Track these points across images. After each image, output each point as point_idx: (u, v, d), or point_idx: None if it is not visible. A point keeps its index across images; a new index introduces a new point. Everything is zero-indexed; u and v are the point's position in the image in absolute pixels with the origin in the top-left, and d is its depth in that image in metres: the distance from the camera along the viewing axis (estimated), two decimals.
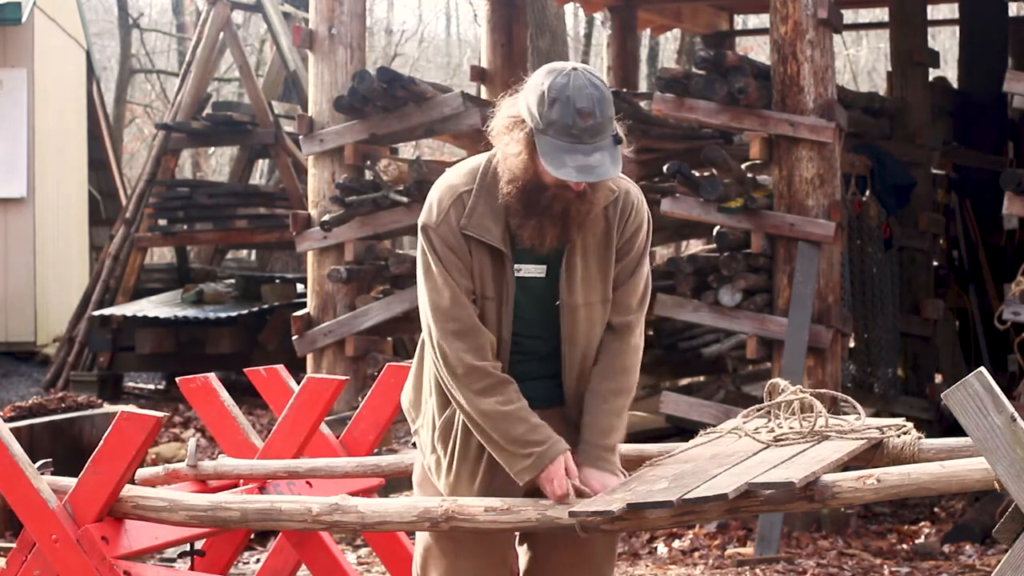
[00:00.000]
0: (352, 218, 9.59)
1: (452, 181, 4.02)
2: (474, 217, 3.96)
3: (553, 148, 3.81)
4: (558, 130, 3.81)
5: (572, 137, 3.80)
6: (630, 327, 4.11)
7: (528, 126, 3.86)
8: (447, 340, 3.96)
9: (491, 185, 3.97)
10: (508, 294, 4.00)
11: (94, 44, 20.56)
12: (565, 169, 3.80)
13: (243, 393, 11.24)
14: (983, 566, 7.92)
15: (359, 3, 9.80)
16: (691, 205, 8.85)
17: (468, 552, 4.10)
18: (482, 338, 3.96)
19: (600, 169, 3.82)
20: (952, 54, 21.71)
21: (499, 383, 3.95)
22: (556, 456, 3.93)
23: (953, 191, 12.29)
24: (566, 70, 3.86)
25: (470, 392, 3.94)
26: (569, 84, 3.82)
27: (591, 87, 3.83)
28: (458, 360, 3.94)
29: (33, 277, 15.51)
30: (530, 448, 3.92)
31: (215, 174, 27.65)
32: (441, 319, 3.97)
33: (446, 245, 3.97)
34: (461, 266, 3.97)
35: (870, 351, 10.10)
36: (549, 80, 3.84)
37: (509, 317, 4.01)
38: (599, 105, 3.82)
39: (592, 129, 3.81)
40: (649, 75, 21.59)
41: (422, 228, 4.01)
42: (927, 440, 4.20)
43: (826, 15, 8.64)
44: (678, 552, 8.44)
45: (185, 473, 4.95)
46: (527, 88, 3.90)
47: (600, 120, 3.82)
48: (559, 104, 3.80)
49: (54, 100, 16.44)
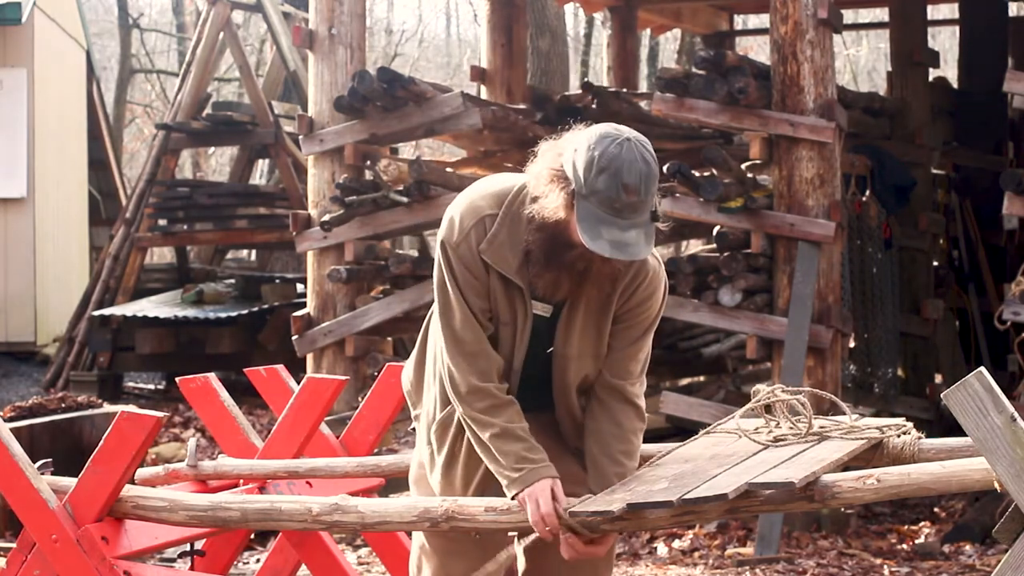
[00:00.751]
0: (352, 218, 9.58)
1: (477, 202, 3.97)
2: (494, 245, 3.93)
3: (592, 217, 3.76)
4: (601, 200, 3.75)
5: (613, 211, 3.75)
6: (633, 392, 4.10)
7: (571, 186, 3.79)
8: (454, 359, 3.96)
9: (516, 215, 3.93)
10: (524, 324, 3.99)
11: (94, 44, 20.56)
12: (600, 242, 3.75)
13: (243, 393, 11.24)
14: (983, 566, 7.92)
15: (359, 3, 9.80)
16: (691, 205, 8.85)
17: (461, 551, 4.12)
18: (489, 361, 3.96)
19: (633, 248, 3.78)
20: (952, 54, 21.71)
21: (503, 404, 3.96)
22: (546, 476, 3.91)
23: (953, 191, 12.28)
24: (620, 139, 3.79)
25: (473, 411, 3.95)
26: (621, 155, 3.75)
27: (642, 162, 3.76)
28: (463, 380, 3.95)
29: (33, 277, 15.51)
30: (523, 464, 3.91)
31: (215, 174, 27.64)
32: (451, 338, 3.97)
33: (463, 264, 3.94)
34: (478, 286, 3.95)
35: (870, 351, 10.10)
36: (601, 147, 3.77)
37: (524, 345, 4.01)
38: (646, 182, 3.76)
39: (634, 205, 3.76)
40: (649, 75, 21.59)
41: (441, 244, 3.97)
42: (927, 440, 4.20)
43: (826, 15, 8.64)
44: (678, 552, 8.44)
45: (185, 473, 4.95)
46: (579, 143, 3.82)
47: (644, 198, 3.77)
48: (607, 175, 3.74)
49: (54, 100, 16.44)
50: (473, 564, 4.13)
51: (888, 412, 9.97)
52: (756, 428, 4.29)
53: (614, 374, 4.08)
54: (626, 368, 4.08)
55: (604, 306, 4.02)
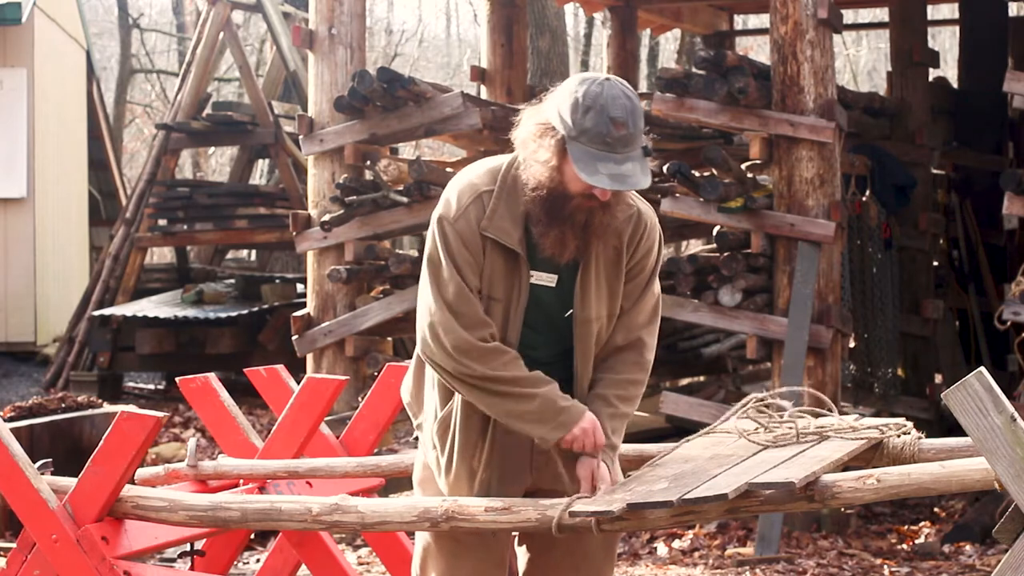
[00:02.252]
0: (352, 218, 9.58)
1: (473, 180, 4.01)
2: (495, 219, 3.95)
3: (586, 155, 3.80)
4: (591, 138, 3.80)
5: (605, 145, 3.80)
6: (640, 344, 4.11)
7: (559, 133, 3.84)
8: (451, 330, 3.93)
9: (511, 188, 3.96)
10: (519, 298, 3.99)
11: (94, 44, 20.56)
12: (598, 176, 3.79)
13: (243, 393, 11.24)
14: (983, 566, 7.92)
15: (359, 3, 9.80)
16: (691, 205, 8.85)
17: (467, 552, 4.11)
18: (487, 329, 3.95)
19: (632, 179, 3.82)
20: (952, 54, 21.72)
21: (513, 359, 3.95)
22: (583, 413, 3.95)
23: (953, 191, 12.29)
24: (599, 79, 3.86)
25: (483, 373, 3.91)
26: (603, 93, 3.82)
27: (624, 97, 3.83)
28: (466, 343, 3.91)
29: (33, 277, 15.52)
30: (560, 403, 3.93)
31: (215, 174, 27.64)
32: (445, 309, 3.95)
33: (461, 240, 3.95)
34: (473, 263, 3.96)
35: (870, 351, 10.10)
36: (583, 88, 3.83)
37: (519, 321, 4.00)
38: (632, 116, 3.82)
39: (625, 139, 3.81)
40: (649, 75, 21.58)
41: (438, 220, 3.98)
42: (927, 440, 4.20)
43: (826, 15, 8.64)
44: (678, 552, 8.44)
45: (185, 473, 4.95)
46: (558, 96, 3.89)
47: (632, 131, 3.82)
48: (593, 112, 3.80)
49: (54, 100, 16.44)
50: (478, 565, 4.12)
51: (888, 412, 9.97)
52: (755, 428, 4.29)
53: (621, 330, 4.09)
54: (635, 320, 4.11)
55: (615, 264, 4.04)
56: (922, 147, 10.97)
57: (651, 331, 4.15)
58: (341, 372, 9.30)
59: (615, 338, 4.10)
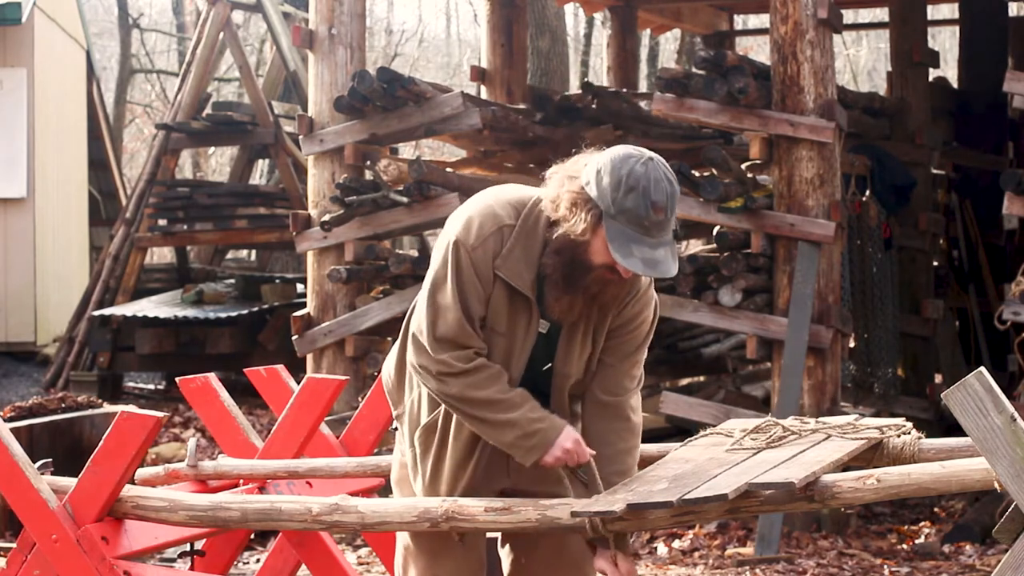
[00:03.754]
0: (352, 218, 9.58)
1: (496, 210, 3.96)
2: (510, 259, 3.92)
3: (622, 236, 3.79)
4: (630, 219, 3.79)
5: (642, 228, 3.79)
6: (626, 406, 4.10)
7: (597, 208, 3.82)
8: (438, 351, 3.93)
9: (531, 230, 3.93)
10: (525, 336, 3.99)
11: (94, 44, 20.55)
12: (632, 260, 3.79)
13: (243, 393, 11.24)
14: (983, 566, 7.92)
15: (359, 3, 9.80)
16: (691, 205, 8.84)
17: (446, 551, 4.12)
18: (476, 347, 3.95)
19: (663, 265, 3.82)
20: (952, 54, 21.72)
21: (493, 374, 3.94)
22: (560, 429, 3.94)
23: (953, 191, 12.29)
24: (643, 158, 3.84)
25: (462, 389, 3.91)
26: (647, 174, 3.80)
27: (666, 181, 3.82)
28: (448, 365, 3.92)
29: (33, 277, 15.51)
30: (533, 425, 3.92)
31: (215, 174, 27.64)
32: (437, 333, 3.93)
33: (475, 269, 3.92)
34: (480, 292, 3.94)
35: (870, 351, 10.10)
36: (628, 167, 3.80)
37: (523, 358, 4.00)
38: (671, 201, 3.82)
39: (662, 224, 3.81)
40: (649, 75, 21.58)
41: (454, 244, 3.93)
42: (927, 440, 4.20)
43: (826, 15, 8.64)
44: (678, 552, 8.44)
45: (185, 473, 4.95)
46: (601, 167, 3.84)
47: (669, 216, 3.82)
48: (635, 194, 3.78)
49: (54, 100, 16.44)
50: (459, 564, 4.14)
51: (888, 412, 9.97)
52: (756, 427, 4.29)
53: (608, 390, 4.08)
54: (620, 383, 4.09)
55: (600, 323, 4.03)
56: (922, 147, 10.97)
57: (637, 391, 4.15)
58: (341, 372, 9.29)
59: (599, 394, 4.08)
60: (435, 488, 4.08)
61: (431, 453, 4.07)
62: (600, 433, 4.07)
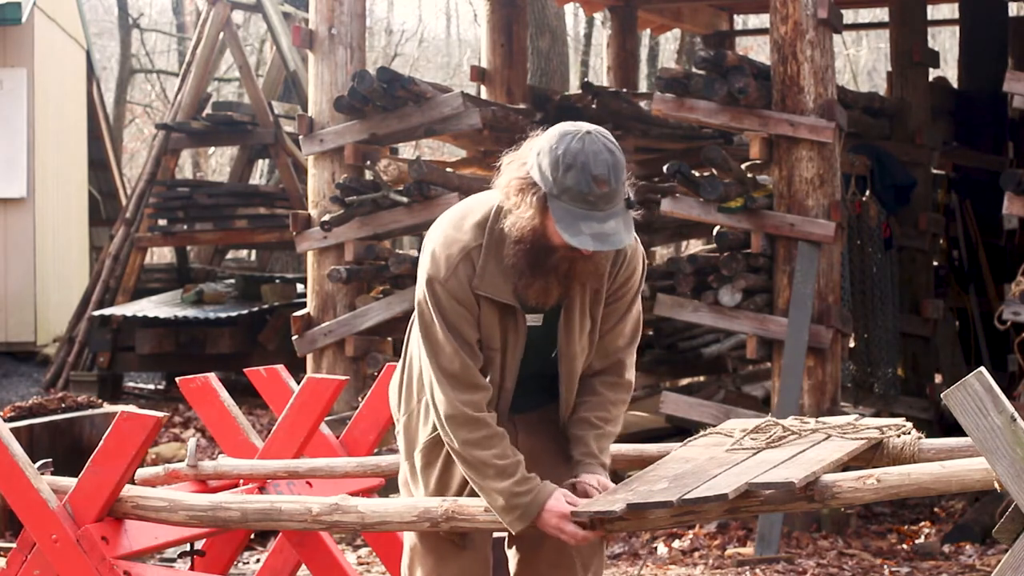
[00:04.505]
0: (352, 218, 9.58)
1: (459, 237, 3.94)
2: (486, 277, 3.91)
3: (568, 215, 3.76)
4: (573, 197, 3.75)
5: (587, 204, 3.75)
6: (620, 365, 4.12)
7: (541, 190, 3.79)
8: (445, 392, 3.93)
9: (498, 241, 3.91)
10: (516, 345, 3.99)
11: (94, 44, 20.56)
12: (581, 237, 3.76)
13: (243, 393, 11.24)
14: (983, 566, 7.92)
15: (359, 3, 9.80)
16: (691, 205, 8.85)
17: (453, 551, 4.12)
18: (480, 393, 3.94)
19: (615, 237, 3.78)
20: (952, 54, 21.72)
21: (494, 435, 3.93)
22: (546, 498, 3.89)
23: (953, 191, 12.29)
24: (580, 133, 3.80)
25: (461, 442, 3.92)
26: (584, 149, 3.76)
27: (606, 152, 3.77)
28: (455, 410, 3.91)
29: (33, 277, 15.50)
30: (517, 500, 3.89)
31: (215, 174, 27.64)
32: (440, 373, 3.93)
33: (454, 299, 3.91)
34: (469, 318, 3.93)
35: (870, 351, 10.10)
36: (564, 145, 3.77)
37: (515, 367, 4.01)
38: (614, 172, 3.76)
39: (607, 196, 3.76)
40: (649, 75, 21.58)
41: (428, 281, 3.94)
42: (927, 440, 4.20)
43: (826, 15, 8.64)
44: (678, 552, 8.44)
45: (185, 473, 4.95)
46: (540, 149, 3.82)
47: (615, 187, 3.77)
48: (574, 171, 3.74)
49: (54, 100, 16.44)
50: (465, 564, 4.13)
51: (888, 412, 9.97)
52: (756, 427, 4.29)
53: (603, 351, 4.10)
54: (614, 343, 4.11)
55: (596, 298, 4.04)
56: (922, 147, 10.98)
57: (630, 351, 4.15)
58: (341, 372, 9.30)
59: (593, 363, 4.11)
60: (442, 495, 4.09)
61: (436, 465, 4.08)
62: (591, 384, 4.10)
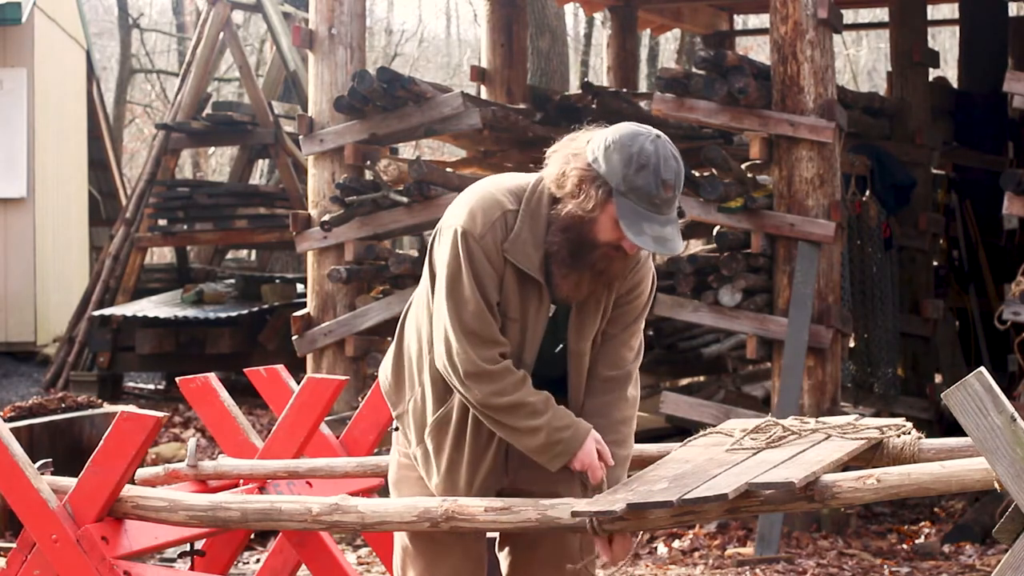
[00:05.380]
0: (352, 218, 9.58)
1: (498, 197, 3.96)
2: (518, 243, 3.93)
3: (633, 213, 3.81)
4: (640, 196, 3.81)
5: (652, 206, 3.81)
6: (626, 379, 4.12)
7: (607, 184, 3.83)
8: (464, 349, 3.92)
9: (535, 212, 3.94)
10: (536, 320, 3.99)
11: (94, 44, 20.55)
12: (643, 237, 3.81)
13: (243, 393, 11.24)
14: (983, 566, 7.92)
15: (359, 3, 9.80)
16: (691, 205, 8.85)
17: (445, 551, 4.11)
18: (500, 348, 3.95)
19: (672, 243, 3.84)
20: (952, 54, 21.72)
21: (519, 380, 3.94)
22: (584, 437, 3.95)
23: (953, 191, 12.29)
24: (652, 136, 3.86)
25: (489, 394, 3.91)
26: (657, 152, 3.82)
27: (674, 160, 3.85)
28: (475, 367, 3.91)
29: (33, 277, 15.51)
30: (558, 435, 3.92)
31: (215, 174, 27.64)
32: (460, 330, 3.92)
33: (486, 256, 3.92)
34: (495, 278, 3.94)
35: (870, 351, 10.10)
36: (638, 144, 3.82)
37: (535, 343, 4.00)
38: (679, 179, 3.85)
39: (669, 202, 3.83)
40: (649, 75, 21.59)
41: (462, 234, 3.92)
42: (927, 440, 4.20)
43: (826, 15, 8.64)
44: (678, 552, 8.44)
45: (185, 473, 4.95)
46: (610, 144, 3.85)
47: (677, 194, 3.85)
48: (646, 171, 3.80)
49: (54, 100, 16.44)
50: (457, 564, 4.13)
51: (888, 412, 9.97)
52: (756, 427, 4.29)
53: (609, 362, 4.09)
54: (620, 354, 4.10)
55: (608, 298, 4.05)
56: (922, 147, 10.98)
57: (637, 365, 4.17)
58: (341, 372, 9.30)
59: (600, 369, 4.09)
60: (453, 479, 4.05)
61: (446, 446, 4.06)
62: (598, 405, 4.08)
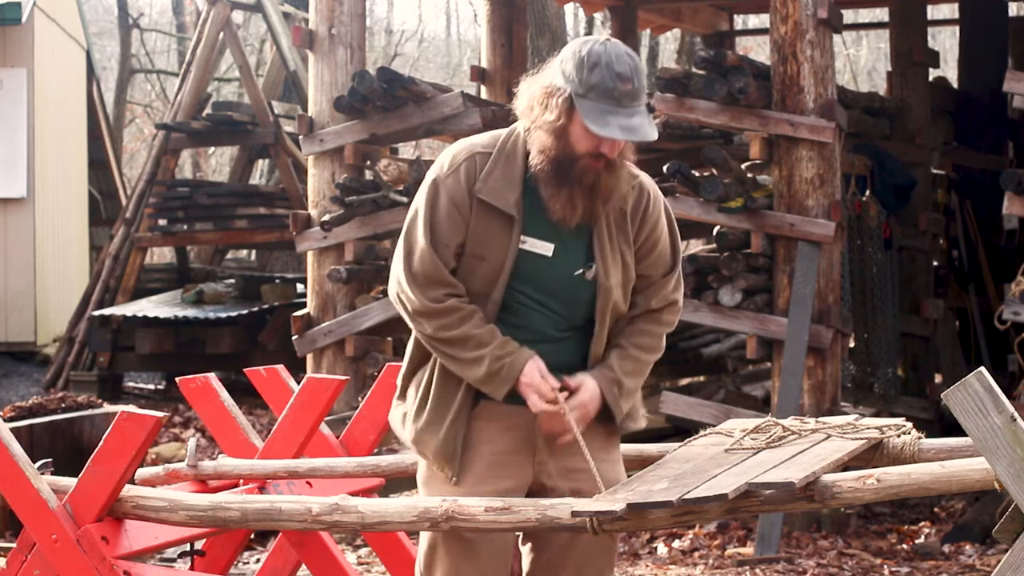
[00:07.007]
0: (352, 218, 9.59)
1: (472, 141, 4.10)
2: (489, 181, 4.02)
3: (596, 110, 3.89)
4: (600, 93, 3.89)
5: (613, 100, 3.89)
6: (666, 312, 4.18)
7: (566, 91, 3.92)
8: (413, 291, 4.01)
9: (510, 153, 4.05)
10: (507, 258, 4.02)
11: (94, 44, 20.56)
12: (609, 128, 3.88)
13: (243, 393, 11.23)
14: (983, 566, 7.92)
15: (359, 3, 9.80)
16: (691, 205, 8.85)
17: (474, 551, 4.10)
18: (447, 288, 4.01)
19: (642, 130, 3.91)
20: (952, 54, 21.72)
21: (467, 314, 4.00)
22: (524, 361, 3.98)
23: (953, 191, 12.29)
24: (600, 40, 3.97)
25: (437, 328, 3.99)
26: (607, 51, 3.92)
27: (627, 55, 3.94)
28: (423, 306, 4.00)
29: (33, 277, 15.51)
30: (499, 362, 3.97)
31: (215, 174, 27.64)
32: (408, 274, 4.01)
33: (449, 197, 4.01)
34: (458, 219, 4.01)
35: (870, 351, 10.10)
36: (587, 48, 3.93)
37: (504, 279, 4.03)
38: (635, 72, 3.92)
39: (631, 93, 3.90)
40: (649, 75, 21.59)
41: (432, 181, 4.04)
42: (927, 440, 4.20)
43: (826, 15, 8.64)
44: (678, 552, 8.44)
45: (185, 473, 4.95)
46: (560, 60, 3.97)
47: (638, 86, 3.92)
48: (599, 69, 3.89)
49: (54, 100, 16.44)
50: (484, 566, 4.12)
51: (888, 412, 9.97)
52: (756, 427, 4.29)
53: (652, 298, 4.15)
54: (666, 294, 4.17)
55: (623, 231, 4.09)
56: (922, 147, 10.98)
57: (677, 310, 4.22)
58: (341, 372, 9.30)
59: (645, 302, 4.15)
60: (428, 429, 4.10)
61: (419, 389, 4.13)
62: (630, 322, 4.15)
